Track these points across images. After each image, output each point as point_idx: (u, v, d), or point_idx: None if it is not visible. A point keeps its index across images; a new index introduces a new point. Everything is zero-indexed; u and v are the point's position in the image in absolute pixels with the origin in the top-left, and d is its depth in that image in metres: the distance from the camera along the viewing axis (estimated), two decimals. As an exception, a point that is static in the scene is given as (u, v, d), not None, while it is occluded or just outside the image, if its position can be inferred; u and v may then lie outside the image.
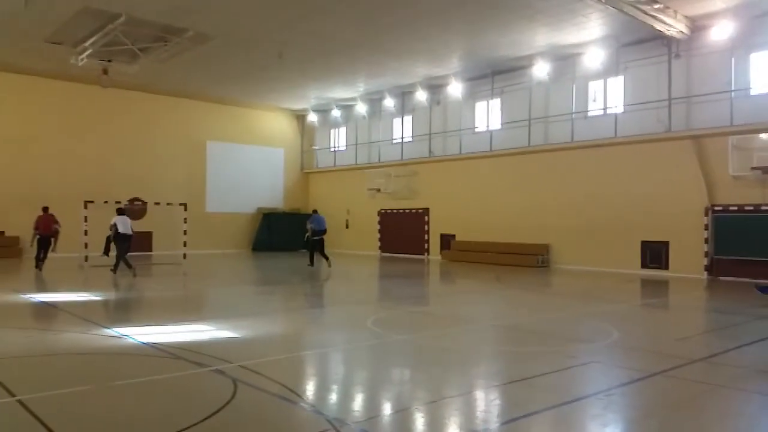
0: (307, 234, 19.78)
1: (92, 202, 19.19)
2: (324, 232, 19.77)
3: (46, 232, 17.41)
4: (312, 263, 19.55)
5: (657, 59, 18.36)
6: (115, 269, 16.38)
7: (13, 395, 5.19)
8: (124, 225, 16.28)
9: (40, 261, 17.52)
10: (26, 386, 5.57)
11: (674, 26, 16.61)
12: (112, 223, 16.35)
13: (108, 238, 17.00)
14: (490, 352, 7.78)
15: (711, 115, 17.28)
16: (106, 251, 17.51)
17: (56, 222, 17.71)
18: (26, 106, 23.37)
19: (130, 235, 16.45)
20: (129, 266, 16.17)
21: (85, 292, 13.14)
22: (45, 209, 17.83)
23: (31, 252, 18.84)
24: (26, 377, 6.06)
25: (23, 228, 21.85)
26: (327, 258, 19.50)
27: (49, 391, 5.42)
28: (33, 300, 11.60)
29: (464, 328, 9.46)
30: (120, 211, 16.77)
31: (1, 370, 6.05)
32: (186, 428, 4.43)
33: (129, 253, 16.54)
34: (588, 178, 20.04)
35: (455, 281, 17.90)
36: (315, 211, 20.87)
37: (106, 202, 19.13)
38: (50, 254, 17.75)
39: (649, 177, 18.53)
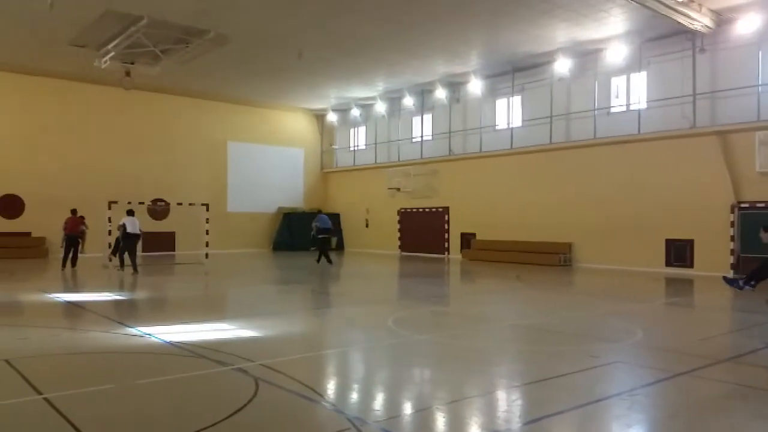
0: (312, 233, 20.21)
1: (116, 202, 19.50)
2: (329, 230, 20.27)
3: (73, 232, 17.96)
4: (330, 261, 19.78)
5: (681, 54, 18.07)
6: (135, 268, 16.84)
7: (40, 393, 5.28)
8: (133, 225, 17.03)
9: (68, 261, 17.91)
10: (52, 384, 5.66)
11: (699, 20, 16.31)
12: (120, 223, 17.14)
13: (117, 239, 17.73)
14: (511, 351, 7.71)
15: (737, 110, 16.97)
16: (115, 252, 18.15)
17: (84, 224, 18.26)
18: (50, 109, 23.78)
19: (138, 235, 17.16)
20: (121, 264, 17.05)
21: (109, 291, 13.33)
22: (73, 211, 18.42)
23: (57, 252, 19.24)
24: (52, 375, 6.16)
25: (49, 229, 22.32)
26: (320, 257, 19.84)
27: (74, 389, 5.50)
28: (59, 299, 11.79)
29: (485, 327, 9.41)
30: (129, 212, 17.47)
31: (29, 368, 6.16)
32: (208, 426, 4.46)
33: (129, 252, 17.14)
34: (611, 176, 19.79)
35: (476, 280, 17.80)
36: (320, 211, 21.65)
37: (129, 202, 19.39)
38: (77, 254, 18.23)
39: (673, 174, 18.24)
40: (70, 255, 18.04)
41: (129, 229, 16.85)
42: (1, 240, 22.26)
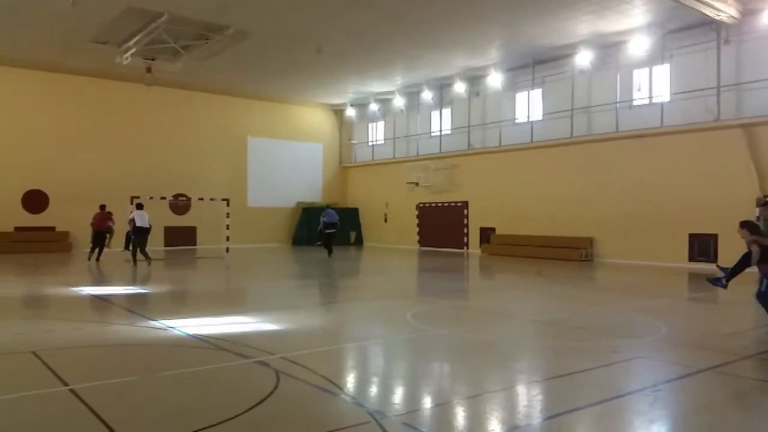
0: (319, 227, 20.78)
1: (138, 197, 19.74)
2: (335, 225, 20.80)
3: (99, 227, 18.34)
4: (331, 251, 20.67)
5: (705, 45, 17.76)
6: (148, 261, 17.13)
7: (66, 384, 5.38)
8: (142, 219, 17.27)
9: (92, 254, 18.28)
10: (78, 376, 5.75)
11: (724, 11, 16.01)
12: (130, 217, 17.43)
13: (128, 233, 18.00)
14: (531, 347, 7.66)
15: (763, 102, 16.65)
16: (127, 245, 18.44)
17: (111, 219, 18.60)
18: (72, 106, 24.09)
19: (147, 228, 17.36)
20: (134, 259, 17.21)
21: (132, 285, 13.51)
22: (102, 207, 18.84)
23: (81, 247, 19.58)
24: (78, 367, 6.26)
25: (73, 224, 22.69)
26: (330, 253, 20.59)
27: (98, 380, 5.58)
28: (83, 293, 11.98)
29: (505, 322, 9.37)
30: (139, 206, 17.77)
31: (55, 359, 6.26)
32: (230, 418, 4.50)
33: (140, 246, 17.43)
34: (633, 170, 19.54)
35: (495, 275, 17.73)
36: (328, 206, 22.26)
37: (151, 197, 19.68)
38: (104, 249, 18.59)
39: (697, 167, 17.96)
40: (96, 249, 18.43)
41: (138, 223, 17.12)
42: (26, 234, 22.69)
